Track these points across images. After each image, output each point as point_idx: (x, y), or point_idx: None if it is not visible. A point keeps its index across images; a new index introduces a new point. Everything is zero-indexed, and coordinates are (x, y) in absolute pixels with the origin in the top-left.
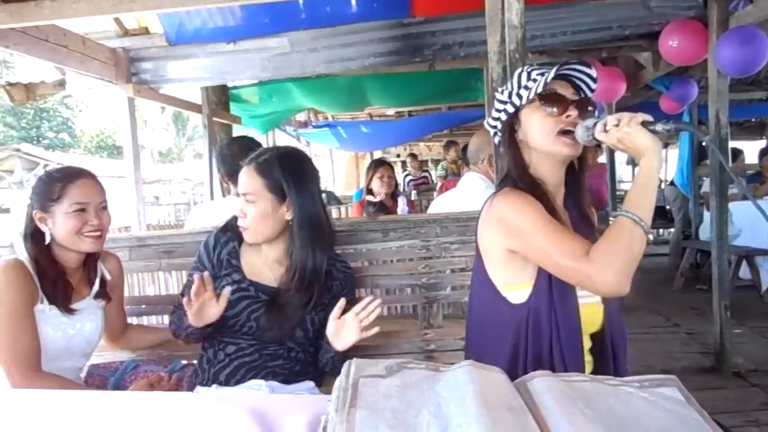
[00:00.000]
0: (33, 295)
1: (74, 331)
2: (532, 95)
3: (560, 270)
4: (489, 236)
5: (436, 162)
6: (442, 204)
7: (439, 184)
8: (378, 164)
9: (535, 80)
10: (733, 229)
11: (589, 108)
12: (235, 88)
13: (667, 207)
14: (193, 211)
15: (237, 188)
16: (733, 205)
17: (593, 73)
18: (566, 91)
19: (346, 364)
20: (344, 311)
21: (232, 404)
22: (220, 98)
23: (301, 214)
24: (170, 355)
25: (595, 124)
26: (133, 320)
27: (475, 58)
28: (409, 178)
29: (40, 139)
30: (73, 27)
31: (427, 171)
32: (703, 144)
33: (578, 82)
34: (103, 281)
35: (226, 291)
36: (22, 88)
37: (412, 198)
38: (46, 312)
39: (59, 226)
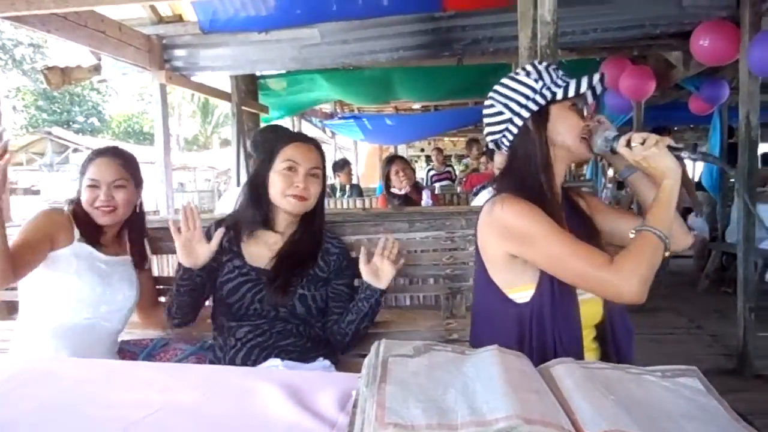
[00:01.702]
0: (61, 233)
1: (111, 279)
2: (572, 93)
3: (577, 277)
4: (490, 240)
5: (460, 157)
6: (486, 197)
7: (463, 179)
8: (390, 160)
9: (565, 80)
10: (761, 231)
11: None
12: (263, 77)
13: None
14: (224, 195)
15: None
16: (763, 208)
17: (604, 81)
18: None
19: (375, 344)
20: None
21: (266, 379)
22: (249, 87)
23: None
24: (199, 334)
25: (616, 138)
26: (162, 299)
27: (504, 54)
28: (432, 172)
29: (71, 123)
30: (110, 13)
31: (450, 166)
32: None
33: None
34: (143, 252)
35: (219, 231)
36: (59, 72)
37: (436, 192)
38: (83, 249)
39: (82, 196)
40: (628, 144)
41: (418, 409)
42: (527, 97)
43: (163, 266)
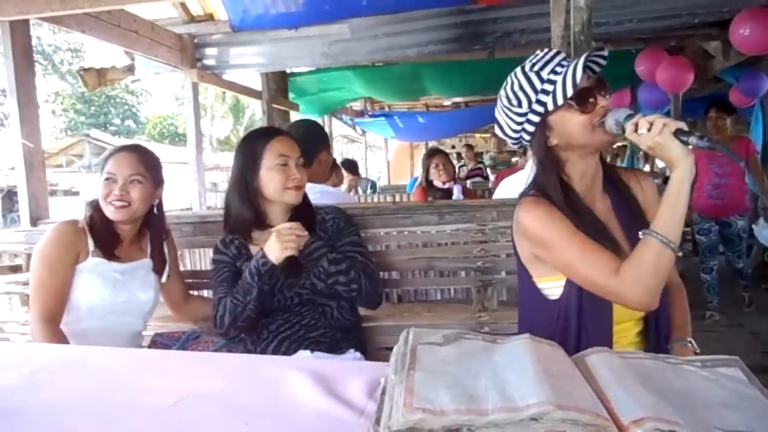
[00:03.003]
0: (79, 251)
1: (125, 287)
2: (560, 100)
3: (588, 284)
4: (518, 240)
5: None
6: (506, 187)
7: (493, 177)
8: (432, 153)
9: (551, 81)
10: None
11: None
12: (293, 75)
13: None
14: None
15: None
16: None
17: (605, 53)
18: (583, 80)
19: (404, 333)
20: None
21: (294, 367)
22: (279, 85)
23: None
24: None
25: (626, 118)
26: (193, 293)
27: (536, 46)
28: (464, 169)
29: (108, 125)
30: (142, 13)
31: (482, 162)
32: None
33: (590, 64)
34: (162, 258)
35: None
36: (95, 73)
37: (468, 186)
38: (97, 265)
39: (98, 192)
40: (637, 129)
41: (447, 395)
42: (518, 123)
43: (195, 261)
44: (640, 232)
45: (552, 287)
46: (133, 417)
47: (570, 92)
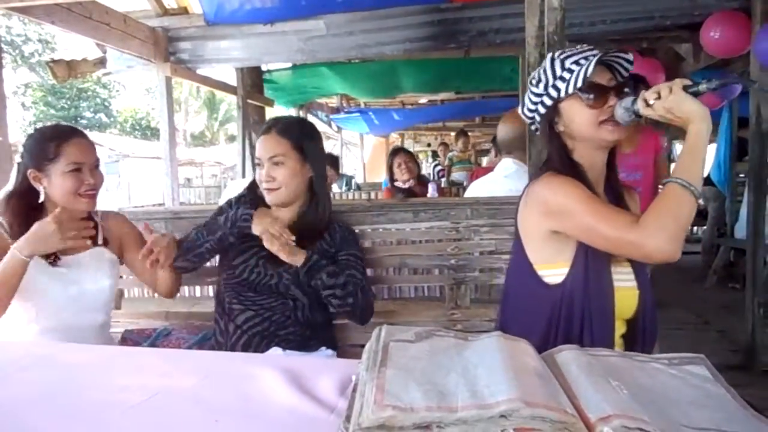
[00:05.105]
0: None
1: (75, 283)
2: (571, 89)
3: (610, 243)
4: (531, 219)
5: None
6: (479, 188)
7: (467, 174)
8: (395, 152)
9: (570, 70)
10: None
11: (626, 90)
12: (269, 71)
13: (701, 203)
14: (228, 186)
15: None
16: None
17: (630, 57)
18: (603, 78)
19: (376, 330)
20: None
21: (266, 364)
22: (255, 81)
23: (320, 171)
24: (201, 324)
25: (633, 101)
26: None
27: (511, 46)
28: (438, 168)
29: (79, 119)
30: (115, 5)
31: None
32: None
33: (614, 65)
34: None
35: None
36: (65, 65)
37: (443, 186)
38: (40, 263)
39: (56, 185)
40: (648, 105)
41: (418, 392)
42: (534, 102)
43: None
44: (659, 185)
45: (554, 274)
46: (103, 414)
47: (580, 83)
